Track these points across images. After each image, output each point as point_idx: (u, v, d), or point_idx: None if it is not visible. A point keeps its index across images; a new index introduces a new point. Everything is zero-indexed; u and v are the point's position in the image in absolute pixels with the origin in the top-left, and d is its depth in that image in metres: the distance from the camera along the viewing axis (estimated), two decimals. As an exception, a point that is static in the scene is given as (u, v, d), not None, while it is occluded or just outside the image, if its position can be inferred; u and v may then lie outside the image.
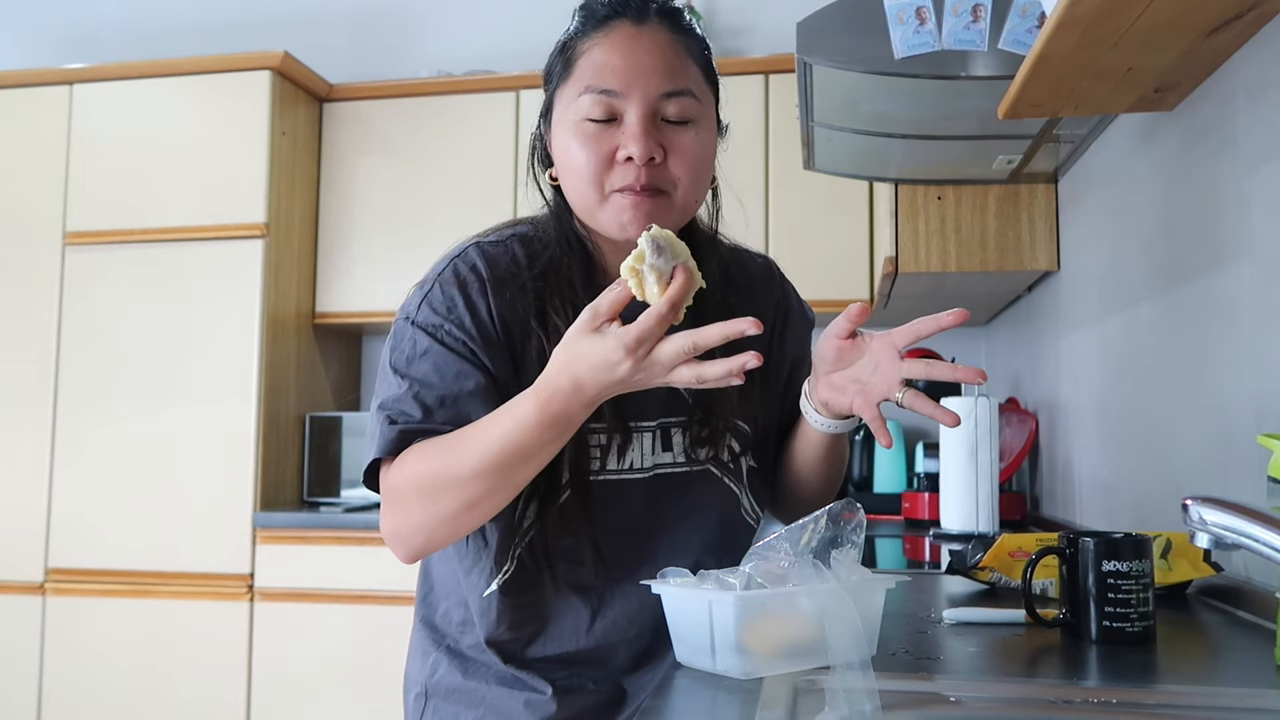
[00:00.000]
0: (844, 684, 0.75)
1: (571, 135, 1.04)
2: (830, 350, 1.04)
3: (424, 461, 0.98)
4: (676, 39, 1.06)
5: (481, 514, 0.99)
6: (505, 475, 0.95)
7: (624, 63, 1.02)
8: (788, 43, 1.51)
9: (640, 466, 1.08)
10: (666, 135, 1.03)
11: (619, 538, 1.07)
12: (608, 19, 1.05)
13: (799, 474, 1.17)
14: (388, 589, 2.85)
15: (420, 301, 1.05)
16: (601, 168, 1.02)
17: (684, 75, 1.05)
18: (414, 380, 1.01)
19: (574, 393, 0.90)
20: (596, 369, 0.88)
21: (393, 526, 1.01)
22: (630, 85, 1.02)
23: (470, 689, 1.09)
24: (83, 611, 3.04)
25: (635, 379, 0.88)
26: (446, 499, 0.96)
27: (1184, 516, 0.76)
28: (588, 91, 1.03)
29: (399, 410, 1.00)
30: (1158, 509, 1.48)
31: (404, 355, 1.03)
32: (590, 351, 0.88)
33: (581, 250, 1.09)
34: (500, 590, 1.06)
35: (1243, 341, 1.18)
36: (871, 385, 1.01)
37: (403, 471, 0.99)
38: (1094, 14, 1.05)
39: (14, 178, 3.24)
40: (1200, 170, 1.30)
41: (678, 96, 1.03)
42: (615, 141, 1.02)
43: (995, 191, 2.11)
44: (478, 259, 1.07)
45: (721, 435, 1.12)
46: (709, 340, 0.86)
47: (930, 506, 2.45)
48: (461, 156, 3.24)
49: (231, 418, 3.03)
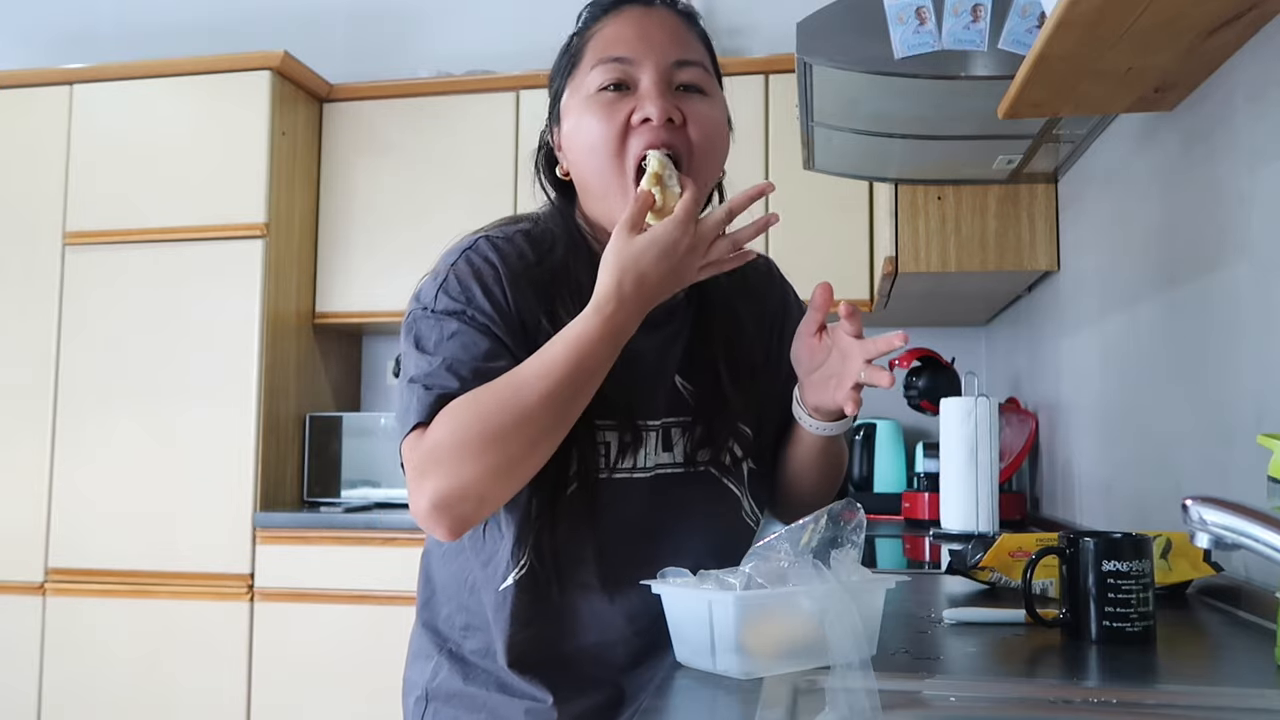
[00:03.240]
0: (844, 684, 0.75)
1: (585, 110, 1.03)
2: (804, 352, 1.04)
3: (472, 411, 0.94)
4: (683, 22, 1.08)
5: (540, 458, 0.96)
6: (572, 400, 0.94)
7: (636, 33, 1.03)
8: (788, 43, 1.51)
9: (643, 466, 1.08)
10: (682, 101, 1.03)
11: (621, 537, 1.07)
12: (616, 5, 1.06)
13: (796, 476, 1.17)
14: (388, 589, 2.85)
15: (436, 291, 1.03)
16: (619, 136, 1.02)
17: (694, 49, 1.06)
18: (445, 357, 0.98)
19: (636, 293, 0.93)
20: (660, 256, 0.93)
21: (437, 495, 0.93)
22: (643, 53, 1.02)
23: (471, 694, 1.08)
24: (83, 611, 3.04)
25: (686, 259, 0.94)
26: (510, 440, 0.93)
27: (1184, 516, 0.76)
28: (600, 63, 1.03)
29: (436, 382, 0.97)
30: (1158, 509, 1.48)
31: (430, 340, 1.00)
32: (649, 242, 0.94)
33: (587, 250, 1.09)
34: (516, 586, 1.04)
35: (1243, 341, 1.18)
36: (844, 372, 1.01)
37: (445, 429, 0.94)
38: (1094, 14, 1.05)
39: (14, 178, 3.24)
40: (1200, 170, 1.30)
41: (689, 66, 1.04)
42: (630, 107, 1.02)
43: (995, 191, 2.11)
44: (489, 251, 1.05)
45: (723, 438, 1.11)
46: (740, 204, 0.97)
47: (930, 506, 2.45)
48: (462, 156, 3.24)
49: (231, 417, 3.03)
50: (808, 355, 1.04)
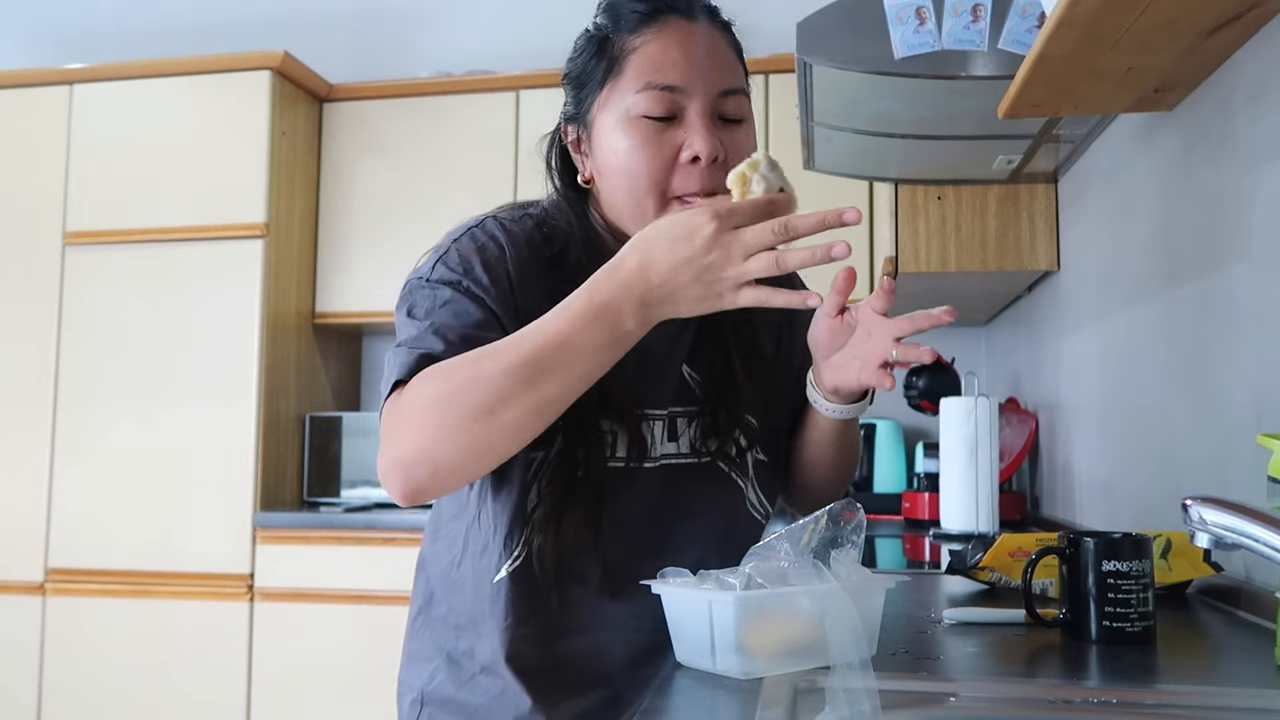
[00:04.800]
0: (844, 684, 0.75)
1: (626, 134, 1.00)
2: (824, 333, 1.03)
3: (443, 373, 0.90)
4: (723, 36, 1.05)
5: (501, 432, 0.88)
6: (535, 375, 0.86)
7: (684, 58, 1.00)
8: (788, 43, 1.51)
9: (650, 457, 1.07)
10: (724, 134, 1.01)
11: (624, 529, 1.06)
12: (657, 13, 1.02)
13: (812, 464, 1.16)
14: (388, 589, 2.85)
15: (435, 262, 1.02)
16: (664, 170, 0.99)
17: (736, 73, 1.04)
18: (434, 323, 0.96)
19: (636, 276, 0.84)
20: (675, 239, 0.83)
21: (396, 455, 0.90)
22: (693, 81, 1.00)
23: (463, 700, 1.08)
24: (83, 611, 3.04)
25: (709, 259, 0.82)
26: (466, 403, 0.87)
27: (1184, 516, 0.76)
28: (648, 88, 0.99)
29: (420, 344, 0.94)
30: (1158, 509, 1.48)
31: (421, 308, 0.98)
32: (673, 222, 0.84)
33: (606, 251, 1.05)
34: (510, 578, 1.04)
35: (1243, 341, 1.17)
36: (869, 352, 1.00)
37: (418, 391, 0.91)
38: (1094, 14, 1.05)
39: (14, 178, 3.24)
40: (1200, 170, 1.30)
41: (734, 95, 1.03)
42: (676, 141, 0.99)
43: (995, 191, 2.11)
44: (497, 230, 1.04)
45: (729, 428, 1.11)
46: (803, 226, 0.82)
47: (930, 506, 2.45)
48: (461, 156, 3.24)
49: (231, 418, 3.03)
50: (827, 337, 1.03)
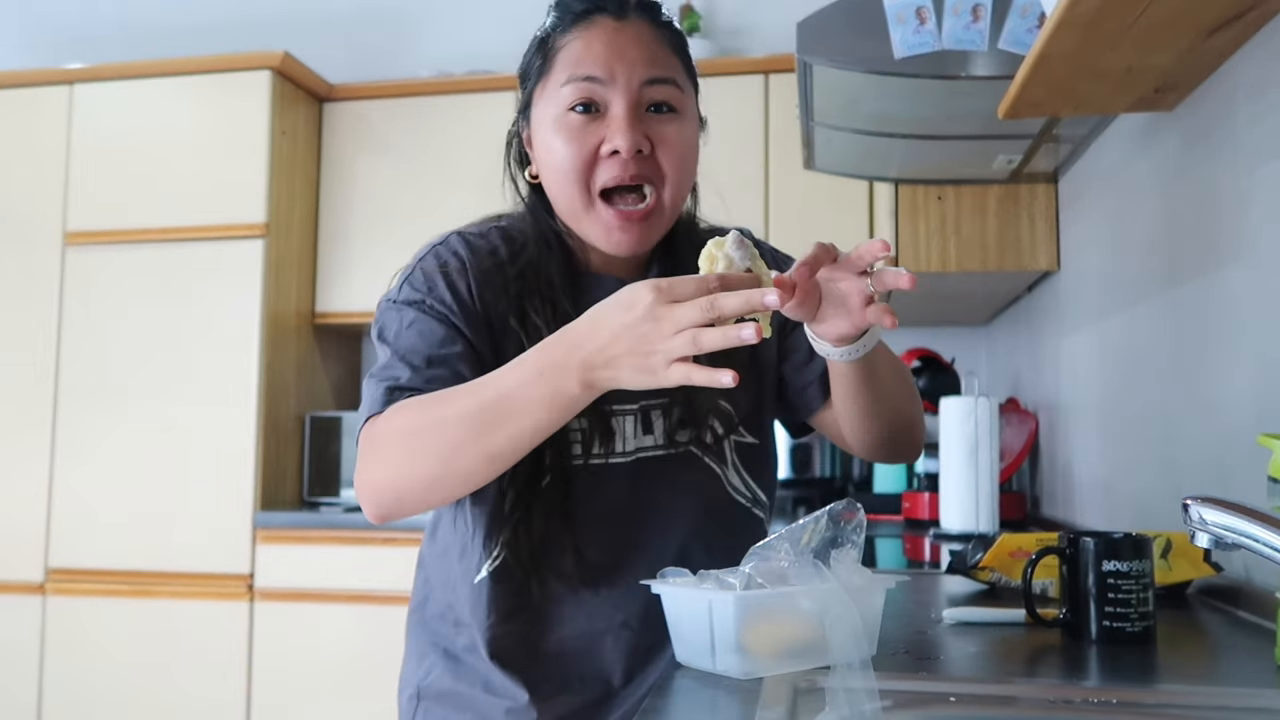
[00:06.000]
0: (844, 684, 0.75)
1: (554, 131, 1.03)
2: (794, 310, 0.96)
3: (410, 410, 0.95)
4: (658, 31, 1.06)
5: (457, 474, 0.91)
6: (485, 426, 0.88)
7: (606, 50, 1.02)
8: (788, 43, 1.51)
9: (623, 451, 1.08)
10: (652, 126, 1.02)
11: (603, 524, 1.07)
12: (587, 13, 1.04)
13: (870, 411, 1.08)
14: (388, 589, 2.85)
15: (401, 283, 1.06)
16: (586, 165, 1.02)
17: (667, 64, 1.05)
18: (401, 348, 1.01)
19: (585, 337, 0.83)
20: (619, 306, 0.81)
21: (367, 479, 0.96)
22: (614, 72, 1.01)
23: (459, 693, 1.09)
24: (83, 611, 3.03)
25: (642, 329, 0.79)
26: (425, 444, 0.92)
27: (1184, 516, 0.76)
28: (570, 80, 1.02)
29: (388, 374, 0.99)
30: (1158, 509, 1.48)
31: (390, 330, 1.03)
32: (624, 290, 0.82)
33: (561, 248, 1.09)
34: (491, 578, 1.05)
35: (1243, 341, 1.18)
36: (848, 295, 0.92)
37: (388, 422, 0.96)
38: (1094, 14, 1.05)
39: (14, 178, 3.24)
40: (1200, 170, 1.30)
41: (661, 84, 1.03)
42: (600, 135, 1.01)
43: (995, 191, 2.11)
44: (459, 246, 1.07)
45: (703, 416, 1.10)
46: (729, 307, 0.78)
47: (930, 506, 2.45)
48: (461, 156, 3.23)
49: (231, 418, 3.03)
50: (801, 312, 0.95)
